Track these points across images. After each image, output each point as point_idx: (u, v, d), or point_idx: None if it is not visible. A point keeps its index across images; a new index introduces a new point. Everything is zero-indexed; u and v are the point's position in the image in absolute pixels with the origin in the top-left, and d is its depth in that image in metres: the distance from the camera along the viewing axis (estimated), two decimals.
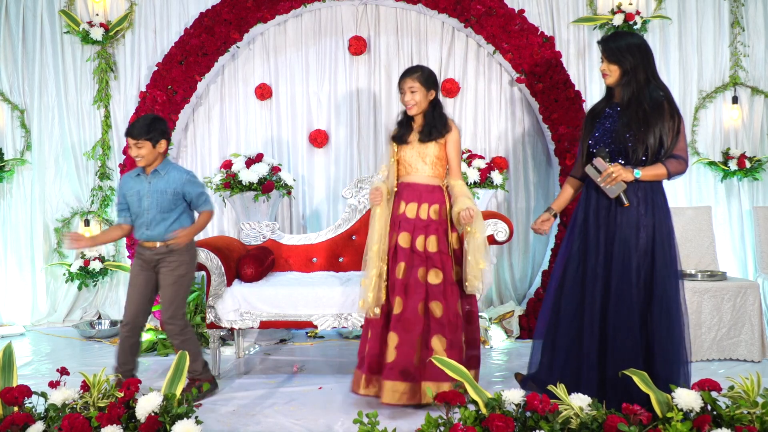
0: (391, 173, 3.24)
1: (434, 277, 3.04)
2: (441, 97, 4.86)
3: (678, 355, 2.75)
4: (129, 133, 3.16)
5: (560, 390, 2.22)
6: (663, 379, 2.61)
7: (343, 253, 4.17)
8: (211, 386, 3.29)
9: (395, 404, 2.95)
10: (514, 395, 2.21)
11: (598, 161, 2.79)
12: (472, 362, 3.14)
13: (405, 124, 3.26)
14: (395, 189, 3.21)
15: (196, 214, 3.30)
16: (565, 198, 3.14)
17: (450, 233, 3.14)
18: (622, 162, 2.81)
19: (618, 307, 2.75)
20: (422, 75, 3.16)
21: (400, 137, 3.23)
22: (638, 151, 2.76)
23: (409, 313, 3.00)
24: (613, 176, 2.73)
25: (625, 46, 2.81)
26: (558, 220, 4.65)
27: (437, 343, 2.98)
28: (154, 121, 3.18)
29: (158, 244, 3.19)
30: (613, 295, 2.77)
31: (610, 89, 2.95)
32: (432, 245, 3.08)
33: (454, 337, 3.01)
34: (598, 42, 2.96)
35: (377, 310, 3.07)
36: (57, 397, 2.33)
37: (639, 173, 2.74)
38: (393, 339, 2.99)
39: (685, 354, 2.78)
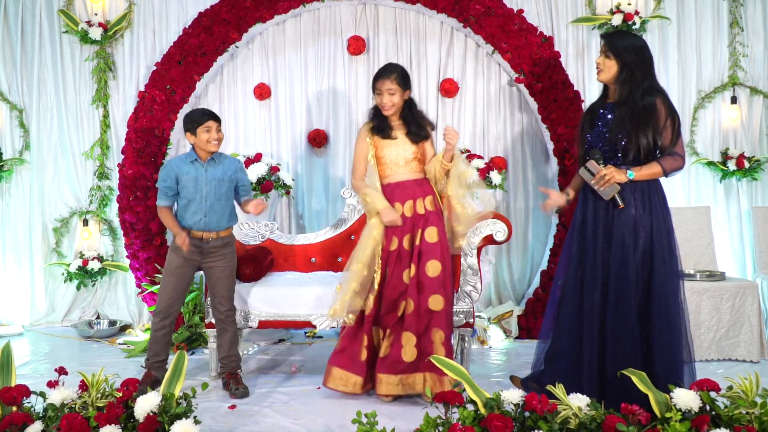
0: (373, 172, 3.23)
1: (434, 270, 3.07)
2: (440, 96, 4.88)
3: (678, 355, 2.74)
4: (213, 116, 3.22)
5: (559, 390, 2.22)
6: (662, 379, 2.60)
7: (341, 253, 4.17)
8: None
9: (392, 394, 3.03)
10: (513, 395, 2.21)
11: (591, 164, 2.77)
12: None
13: (381, 119, 3.21)
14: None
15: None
16: (577, 182, 3.05)
17: (444, 219, 3.22)
18: (619, 162, 2.80)
19: (617, 309, 2.75)
20: (399, 76, 3.16)
21: (382, 130, 3.20)
22: (630, 152, 2.75)
23: (421, 310, 3.06)
24: (606, 178, 2.72)
25: (630, 45, 2.82)
26: (557, 221, 4.65)
27: (437, 336, 3.03)
28: None
29: (213, 236, 3.26)
30: (611, 297, 2.77)
31: (606, 87, 2.95)
32: (432, 236, 3.12)
33: (449, 331, 3.08)
34: (602, 35, 2.95)
35: (352, 317, 3.16)
36: (55, 396, 2.33)
37: (632, 174, 2.73)
38: (410, 339, 3.04)
39: (686, 353, 2.77)
